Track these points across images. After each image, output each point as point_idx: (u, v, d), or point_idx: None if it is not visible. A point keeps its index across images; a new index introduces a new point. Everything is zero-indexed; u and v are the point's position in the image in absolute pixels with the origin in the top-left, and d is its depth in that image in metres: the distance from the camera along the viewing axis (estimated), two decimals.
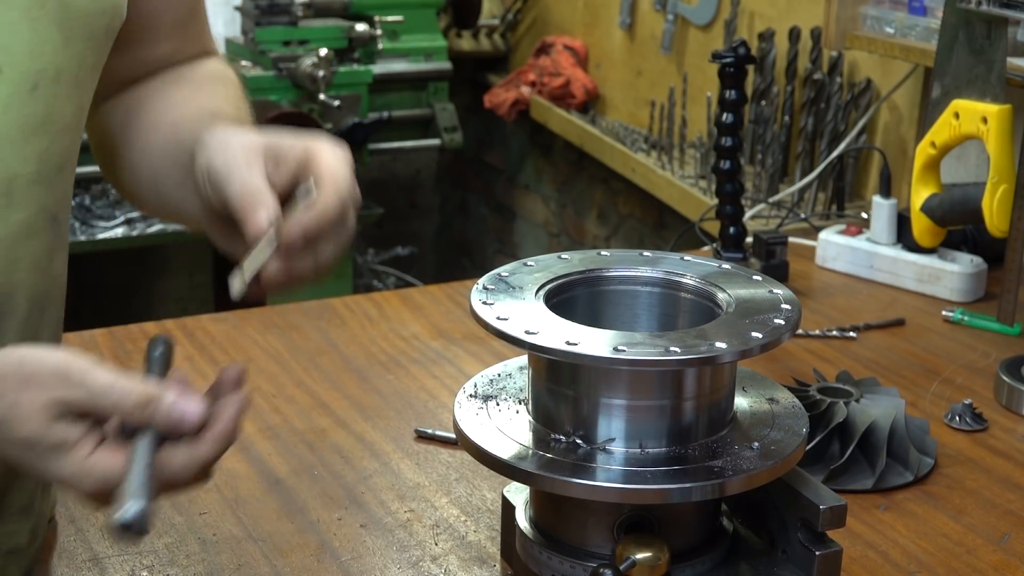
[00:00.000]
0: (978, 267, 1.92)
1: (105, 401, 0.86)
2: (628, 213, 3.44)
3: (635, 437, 1.04)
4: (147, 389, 0.88)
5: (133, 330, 1.75)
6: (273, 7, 3.50)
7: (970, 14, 1.72)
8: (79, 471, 0.86)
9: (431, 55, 3.78)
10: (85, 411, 0.86)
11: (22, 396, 0.85)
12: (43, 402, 0.85)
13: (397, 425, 1.50)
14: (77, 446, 0.86)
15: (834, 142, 2.51)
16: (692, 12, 3.06)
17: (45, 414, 0.85)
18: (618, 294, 1.17)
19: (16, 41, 0.98)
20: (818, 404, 1.42)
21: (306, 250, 0.98)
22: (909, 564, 1.25)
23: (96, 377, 0.86)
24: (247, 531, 1.28)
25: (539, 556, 1.09)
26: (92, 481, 0.86)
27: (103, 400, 0.86)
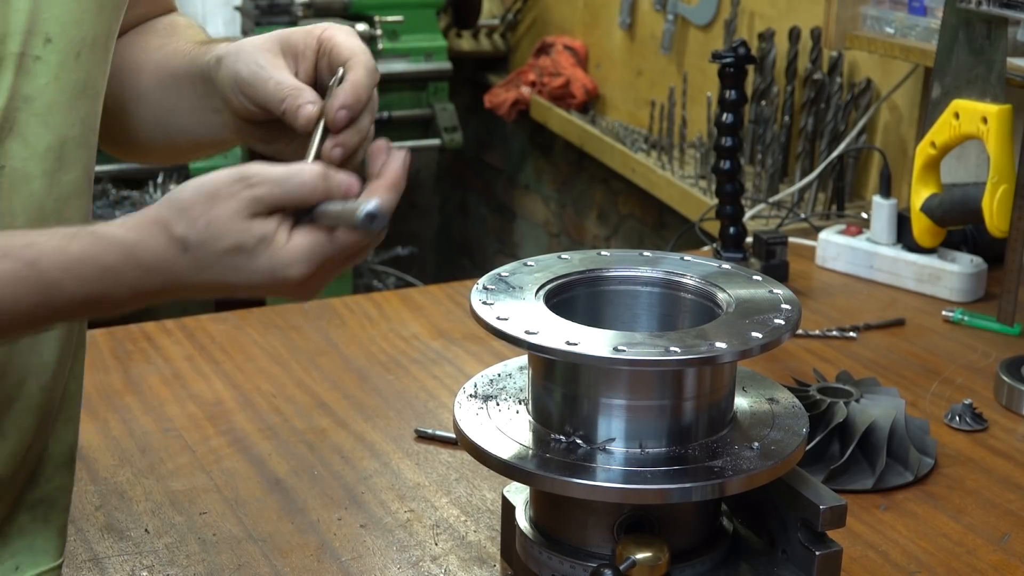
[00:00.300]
0: (978, 267, 1.92)
1: (287, 187, 0.94)
2: (628, 213, 3.44)
3: (635, 437, 1.04)
4: (318, 168, 0.95)
5: (133, 330, 1.75)
6: (273, 7, 3.50)
7: (970, 14, 1.72)
8: (288, 256, 0.93)
9: (431, 55, 3.77)
10: (272, 205, 0.93)
11: (213, 211, 0.93)
12: (235, 208, 0.93)
13: (397, 425, 1.50)
14: (278, 234, 0.93)
15: (834, 142, 2.51)
16: (692, 12, 3.06)
17: (241, 217, 0.93)
18: (618, 294, 1.17)
19: (63, 11, 1.03)
20: (818, 404, 1.42)
21: (351, 125, 1.04)
22: (909, 564, 1.25)
23: (272, 170, 0.94)
24: (247, 531, 1.28)
25: (539, 556, 1.09)
26: (302, 263, 0.93)
27: (285, 187, 0.94)
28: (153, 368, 1.64)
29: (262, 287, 0.96)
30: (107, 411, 1.52)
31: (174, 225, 0.94)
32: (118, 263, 0.94)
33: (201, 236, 0.93)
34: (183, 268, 0.94)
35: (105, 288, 0.94)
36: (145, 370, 1.63)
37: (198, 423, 1.50)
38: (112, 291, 0.94)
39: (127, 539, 1.27)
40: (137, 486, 1.36)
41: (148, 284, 0.95)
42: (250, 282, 0.95)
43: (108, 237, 0.94)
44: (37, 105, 1.02)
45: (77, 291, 0.93)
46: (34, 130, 1.03)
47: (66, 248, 0.93)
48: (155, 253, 0.94)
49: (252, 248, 0.93)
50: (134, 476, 1.38)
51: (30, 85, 1.02)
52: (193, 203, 0.94)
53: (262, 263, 0.94)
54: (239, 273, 0.94)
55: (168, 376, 1.62)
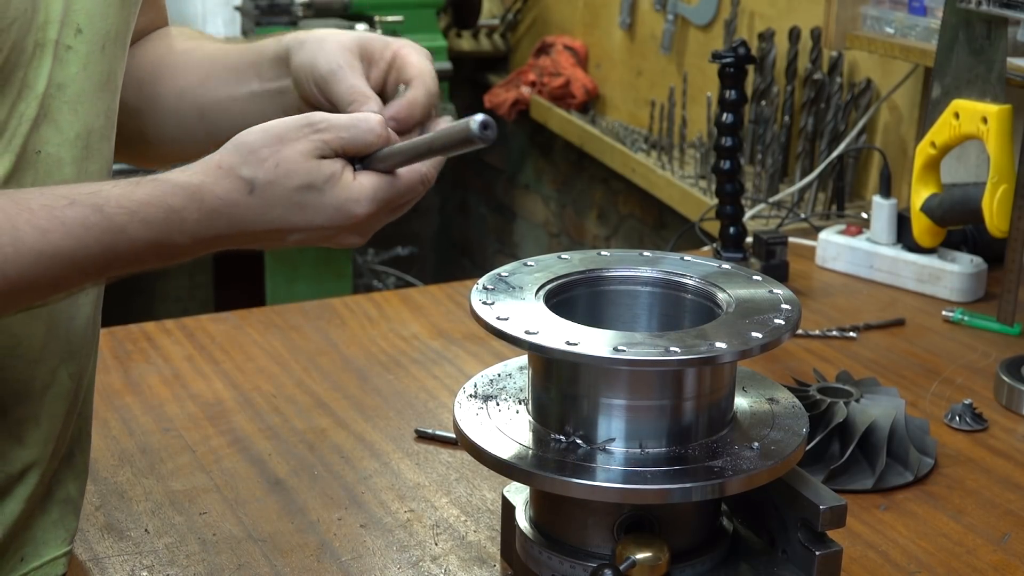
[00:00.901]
0: (978, 267, 1.92)
1: (353, 132, 1.00)
2: (628, 213, 3.44)
3: (635, 437, 1.04)
4: (380, 117, 1.03)
5: (133, 330, 1.75)
6: (273, 7, 3.50)
7: (970, 14, 1.72)
8: (355, 192, 0.99)
9: (431, 55, 3.77)
10: (338, 149, 0.99)
11: (282, 152, 0.97)
12: (303, 149, 0.98)
13: (397, 425, 1.50)
14: (345, 173, 0.99)
15: (834, 142, 2.51)
16: (692, 12, 3.06)
17: (309, 156, 0.98)
18: (618, 294, 1.17)
19: (92, 4, 1.07)
20: (818, 404, 1.42)
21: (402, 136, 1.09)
22: (909, 564, 1.25)
23: (338, 117, 1.01)
24: (247, 531, 1.28)
25: (539, 556, 1.09)
26: (368, 200, 0.99)
27: (352, 132, 1.00)
28: (153, 368, 1.64)
29: (326, 226, 0.99)
30: (107, 411, 1.52)
31: (240, 167, 0.97)
32: (183, 205, 0.96)
33: (269, 175, 0.97)
34: (248, 209, 0.97)
35: (169, 232, 0.96)
36: (145, 370, 1.63)
37: (198, 423, 1.50)
38: (175, 236, 0.96)
39: (127, 539, 1.27)
40: (137, 486, 1.36)
41: (211, 228, 0.97)
42: (314, 221, 0.98)
43: (172, 181, 0.97)
44: (69, 93, 1.05)
45: (142, 235, 0.95)
46: (66, 117, 1.05)
47: (131, 193, 0.95)
48: (220, 194, 0.97)
49: (321, 185, 0.98)
50: (134, 476, 1.38)
51: (63, 73, 1.05)
52: (260, 145, 0.97)
53: (329, 199, 0.98)
54: (305, 211, 0.98)
55: (168, 376, 1.62)
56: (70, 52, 1.05)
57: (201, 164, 0.99)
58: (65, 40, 1.04)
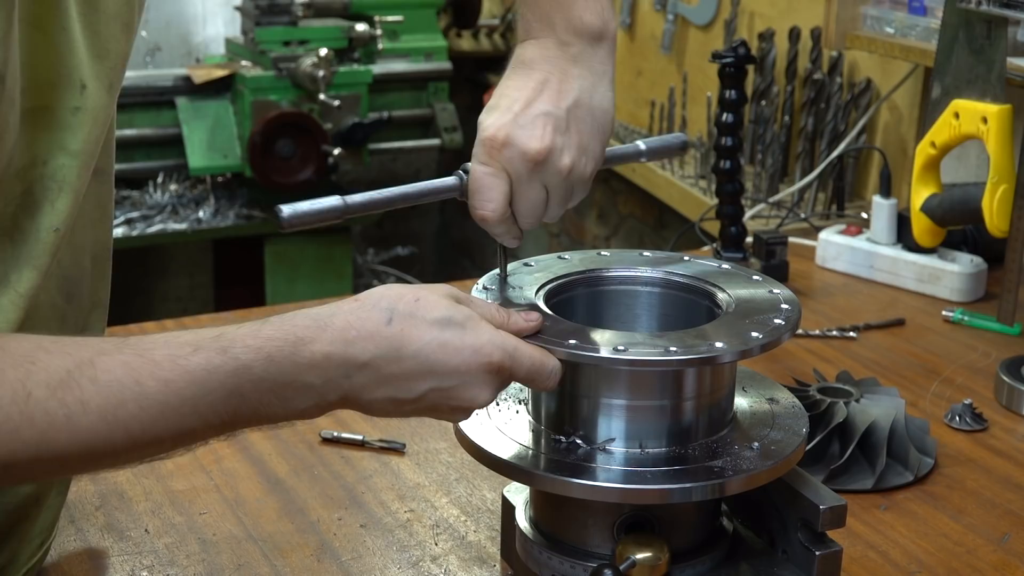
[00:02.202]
0: (978, 267, 1.92)
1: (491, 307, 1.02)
2: (628, 213, 3.44)
3: (635, 437, 1.04)
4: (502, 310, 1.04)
5: (133, 330, 1.75)
6: (273, 7, 3.50)
7: (970, 14, 1.72)
8: (497, 337, 0.98)
9: (431, 55, 3.77)
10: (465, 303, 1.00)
11: (422, 292, 0.98)
12: (441, 294, 0.99)
13: (397, 425, 1.50)
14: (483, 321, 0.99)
15: (834, 142, 2.51)
16: (692, 12, 3.06)
17: (447, 300, 0.98)
18: (618, 294, 1.17)
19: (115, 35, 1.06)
20: (818, 404, 1.42)
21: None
22: (909, 564, 1.25)
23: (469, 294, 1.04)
24: (247, 531, 1.28)
25: (539, 556, 1.09)
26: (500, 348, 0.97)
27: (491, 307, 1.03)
28: None
29: (461, 370, 0.96)
30: None
31: (379, 300, 0.96)
32: (312, 336, 0.93)
33: (409, 308, 0.96)
34: (385, 341, 0.94)
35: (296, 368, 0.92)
36: None
37: None
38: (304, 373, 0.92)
39: (127, 539, 1.27)
40: (137, 486, 1.36)
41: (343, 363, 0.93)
42: (451, 361, 0.95)
43: (304, 313, 0.95)
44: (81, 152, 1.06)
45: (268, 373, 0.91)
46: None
47: (258, 331, 0.93)
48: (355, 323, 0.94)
49: (462, 321, 0.97)
50: (134, 476, 1.38)
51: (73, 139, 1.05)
52: (397, 287, 0.98)
53: (470, 338, 0.96)
54: (445, 349, 0.95)
55: None
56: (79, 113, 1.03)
57: (339, 302, 0.97)
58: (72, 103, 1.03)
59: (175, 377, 0.88)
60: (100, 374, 0.86)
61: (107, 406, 0.86)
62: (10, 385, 0.84)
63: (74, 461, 0.89)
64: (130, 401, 0.87)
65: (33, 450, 0.84)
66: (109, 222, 1.18)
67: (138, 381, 0.87)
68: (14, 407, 0.83)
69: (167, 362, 0.89)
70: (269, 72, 3.46)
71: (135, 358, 0.88)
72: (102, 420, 0.86)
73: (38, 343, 0.88)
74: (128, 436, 0.88)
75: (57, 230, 1.02)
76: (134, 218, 3.48)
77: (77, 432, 0.85)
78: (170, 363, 0.89)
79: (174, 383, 0.88)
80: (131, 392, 0.87)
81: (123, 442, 0.88)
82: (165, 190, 3.55)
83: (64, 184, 1.02)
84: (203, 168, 3.50)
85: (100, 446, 0.87)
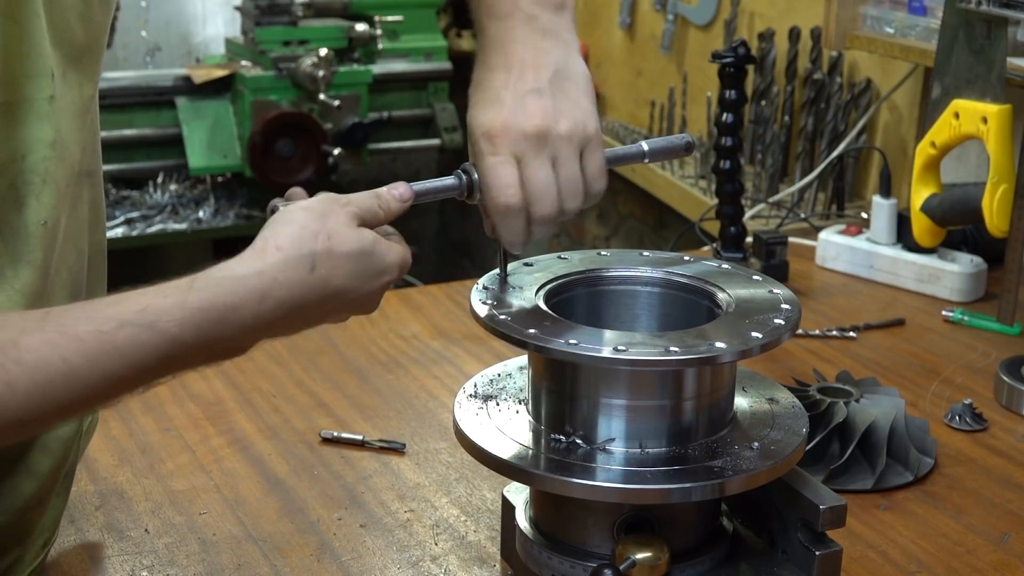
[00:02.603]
0: (978, 267, 1.92)
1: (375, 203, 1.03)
2: (628, 213, 3.44)
3: (635, 437, 1.04)
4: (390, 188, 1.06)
5: None
6: (273, 7, 3.50)
7: (970, 14, 1.72)
8: (399, 255, 1.02)
9: (431, 55, 3.77)
10: (366, 220, 1.02)
11: (329, 223, 0.98)
12: (346, 217, 1.00)
13: (397, 425, 1.50)
14: (379, 239, 1.01)
15: (834, 142, 2.51)
16: (692, 12, 3.06)
17: (353, 225, 1.00)
18: (618, 294, 1.17)
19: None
20: (818, 404, 1.42)
21: None
22: (909, 564, 1.25)
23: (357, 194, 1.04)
24: (247, 531, 1.28)
25: (539, 556, 1.09)
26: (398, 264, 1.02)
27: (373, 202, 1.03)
28: None
29: (370, 290, 1.00)
30: (107, 411, 1.51)
31: (299, 246, 0.97)
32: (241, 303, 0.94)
33: (326, 246, 0.97)
34: (311, 289, 0.97)
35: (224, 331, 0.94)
36: None
37: (198, 423, 1.50)
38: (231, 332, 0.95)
39: (127, 539, 1.27)
40: (137, 486, 1.36)
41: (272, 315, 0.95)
42: (363, 287, 0.99)
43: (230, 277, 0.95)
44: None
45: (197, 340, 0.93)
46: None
47: (184, 302, 0.93)
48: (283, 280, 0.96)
49: (370, 249, 1.00)
50: (134, 476, 1.38)
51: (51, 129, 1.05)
52: (307, 221, 0.98)
53: (378, 263, 1.00)
54: (360, 277, 0.99)
55: None
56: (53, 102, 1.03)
57: (255, 251, 0.97)
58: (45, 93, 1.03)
59: (101, 354, 0.89)
60: (24, 354, 0.87)
61: (35, 386, 0.87)
62: None
63: (6, 436, 0.89)
64: (57, 379, 0.88)
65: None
66: (103, 224, 1.19)
67: (64, 359, 0.88)
68: None
69: (92, 339, 0.89)
70: (269, 72, 3.46)
71: (58, 336, 0.89)
72: (30, 400, 0.87)
73: None
74: (57, 409, 0.89)
75: (45, 223, 1.02)
76: (134, 218, 3.48)
77: (7, 412, 0.86)
78: (95, 339, 0.89)
79: (101, 360, 0.89)
80: (57, 371, 0.88)
81: (53, 414, 0.90)
82: (165, 190, 3.55)
83: (47, 177, 1.02)
84: (203, 168, 3.50)
85: (30, 421, 0.89)
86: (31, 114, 1.01)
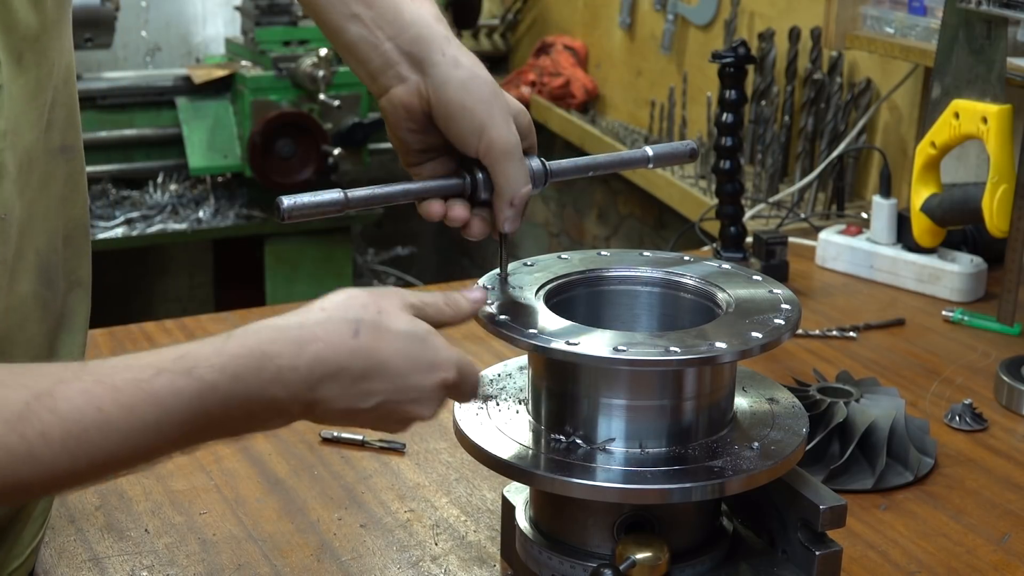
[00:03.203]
0: (978, 267, 1.92)
1: (440, 299, 1.02)
2: (628, 213, 3.44)
3: (635, 437, 1.04)
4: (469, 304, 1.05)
5: (133, 330, 1.75)
6: (273, 7, 3.50)
7: (970, 14, 1.72)
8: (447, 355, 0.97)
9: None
10: (428, 314, 1.00)
11: (382, 301, 0.97)
12: (400, 304, 0.98)
13: None
14: (436, 334, 0.98)
15: (834, 142, 2.51)
16: (692, 12, 3.06)
17: (409, 312, 0.98)
18: (618, 294, 1.17)
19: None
20: (818, 404, 1.42)
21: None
22: (909, 564, 1.25)
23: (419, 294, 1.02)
24: (247, 531, 1.28)
25: (539, 556, 1.09)
26: (455, 365, 0.98)
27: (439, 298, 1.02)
28: None
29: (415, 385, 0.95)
30: None
31: (345, 310, 0.95)
32: (279, 351, 0.91)
33: (373, 318, 0.95)
34: (352, 355, 0.93)
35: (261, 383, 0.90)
36: None
37: None
38: (270, 387, 0.91)
39: (127, 539, 1.27)
40: (137, 486, 1.36)
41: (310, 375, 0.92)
42: (410, 377, 0.95)
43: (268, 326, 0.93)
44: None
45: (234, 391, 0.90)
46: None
47: (222, 348, 0.91)
48: (323, 335, 0.93)
49: (424, 335, 0.96)
50: (134, 476, 1.38)
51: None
52: (359, 293, 0.96)
53: (429, 353, 0.96)
54: (406, 360, 0.95)
55: None
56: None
57: (300, 311, 0.95)
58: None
59: (137, 402, 0.86)
60: (60, 404, 0.84)
61: (69, 436, 0.84)
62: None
63: (38, 490, 0.87)
64: (92, 429, 0.85)
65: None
66: (82, 198, 1.15)
67: (100, 408, 0.85)
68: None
69: (129, 387, 0.86)
70: (269, 72, 3.46)
71: (95, 385, 0.86)
72: (65, 450, 0.84)
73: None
74: (92, 464, 0.86)
75: (3, 218, 1.00)
76: (134, 218, 3.48)
77: (40, 464, 0.83)
78: (132, 387, 0.86)
79: (137, 408, 0.86)
80: (92, 420, 0.85)
81: (87, 469, 0.86)
82: (165, 190, 3.55)
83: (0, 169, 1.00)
84: (203, 168, 3.50)
85: (64, 475, 0.85)
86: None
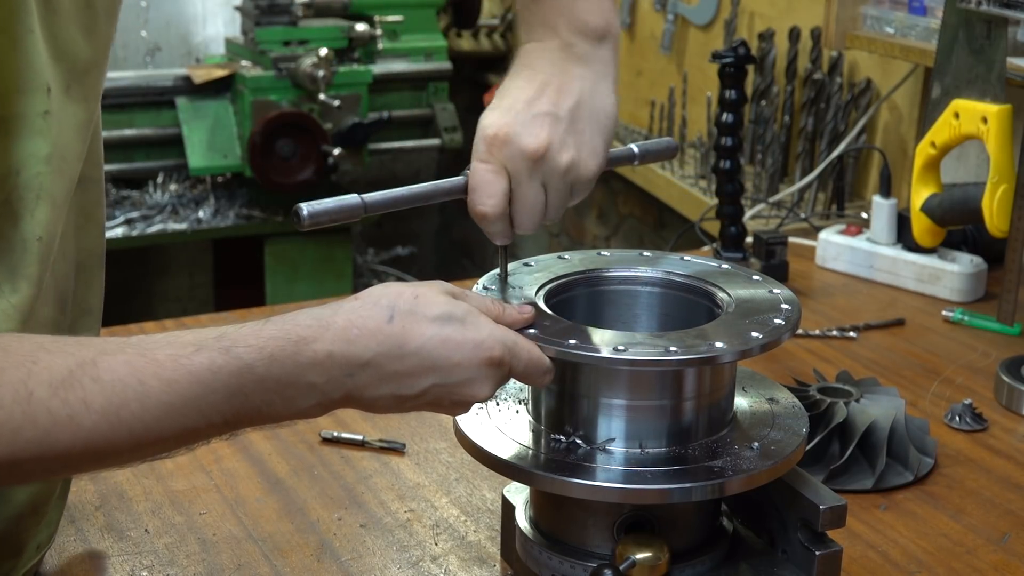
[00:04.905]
0: (978, 267, 1.92)
1: (487, 298, 1.03)
2: (628, 213, 3.44)
3: (635, 437, 1.04)
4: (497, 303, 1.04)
5: (133, 330, 1.75)
6: (273, 7, 3.50)
7: (970, 14, 1.72)
8: (497, 332, 0.97)
9: (431, 55, 3.77)
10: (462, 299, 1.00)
11: (420, 288, 0.98)
12: (439, 290, 0.99)
13: (397, 425, 1.50)
14: (482, 315, 0.99)
15: (834, 142, 2.51)
16: (692, 12, 3.06)
17: (445, 296, 0.98)
18: (618, 294, 1.17)
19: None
20: (818, 404, 1.42)
21: None
22: (909, 564, 1.25)
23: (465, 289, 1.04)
24: (247, 531, 1.29)
25: (539, 556, 1.09)
26: (501, 343, 0.97)
27: (486, 298, 1.03)
28: None
29: (463, 364, 0.96)
30: None
31: (379, 297, 0.96)
32: (314, 335, 0.93)
33: (408, 304, 0.96)
34: (388, 339, 0.94)
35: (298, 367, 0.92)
36: None
37: None
38: (306, 372, 0.92)
39: (127, 539, 1.27)
40: (137, 486, 1.36)
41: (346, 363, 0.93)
42: (453, 357, 0.95)
43: (305, 312, 0.95)
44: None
45: (271, 373, 0.91)
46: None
47: (260, 331, 0.93)
48: (356, 321, 0.94)
49: (462, 316, 0.96)
50: (134, 476, 1.38)
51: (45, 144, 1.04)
52: (396, 284, 0.97)
53: (471, 332, 0.96)
54: (446, 345, 0.95)
55: None
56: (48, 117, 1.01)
57: (337, 302, 0.97)
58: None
59: (178, 377, 0.88)
60: (103, 373, 0.86)
61: (110, 406, 0.86)
62: (12, 385, 0.83)
63: (76, 460, 0.88)
64: (133, 401, 0.87)
65: (36, 449, 0.84)
66: (98, 228, 1.17)
67: (141, 381, 0.87)
68: (16, 407, 0.83)
69: (170, 362, 0.88)
70: (269, 72, 3.46)
71: (137, 357, 0.88)
72: (105, 419, 0.86)
73: (39, 343, 0.88)
74: (131, 435, 0.88)
75: (40, 239, 1.01)
76: (134, 218, 3.48)
77: (80, 431, 0.85)
78: (173, 363, 0.89)
79: (177, 383, 0.88)
80: (134, 392, 0.87)
81: (126, 441, 0.88)
82: (165, 190, 3.54)
83: (41, 192, 1.00)
84: (203, 168, 3.50)
85: (103, 445, 0.87)
86: (24, 129, 0.99)
